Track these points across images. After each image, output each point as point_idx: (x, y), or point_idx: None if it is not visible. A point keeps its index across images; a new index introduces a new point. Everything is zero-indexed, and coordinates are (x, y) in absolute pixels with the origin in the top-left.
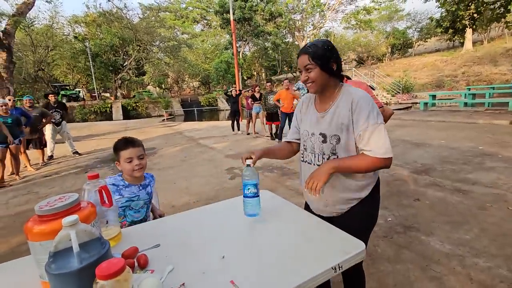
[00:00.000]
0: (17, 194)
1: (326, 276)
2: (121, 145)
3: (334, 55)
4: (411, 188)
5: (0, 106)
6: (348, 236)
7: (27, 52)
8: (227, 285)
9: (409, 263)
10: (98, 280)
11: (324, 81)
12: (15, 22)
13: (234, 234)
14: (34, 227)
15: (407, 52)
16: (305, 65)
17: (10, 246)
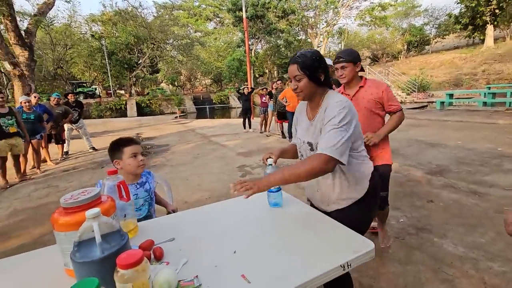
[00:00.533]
0: (38, 187)
1: (335, 274)
2: (124, 142)
3: (322, 65)
4: (425, 189)
5: (24, 103)
6: (357, 235)
7: (46, 51)
8: (239, 278)
9: (420, 264)
10: (119, 269)
11: (312, 90)
12: (37, 22)
13: (245, 230)
14: (60, 219)
15: (424, 49)
16: (294, 75)
17: (33, 236)
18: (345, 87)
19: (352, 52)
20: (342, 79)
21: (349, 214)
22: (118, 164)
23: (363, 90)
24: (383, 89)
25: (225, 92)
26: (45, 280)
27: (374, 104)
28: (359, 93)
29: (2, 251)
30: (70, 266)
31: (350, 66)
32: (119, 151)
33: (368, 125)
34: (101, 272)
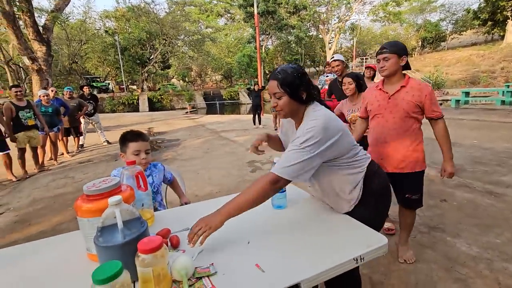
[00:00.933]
0: (55, 178)
1: (348, 266)
2: (131, 137)
3: (304, 82)
4: (438, 188)
5: (42, 96)
6: (370, 230)
7: (62, 46)
8: (253, 267)
9: (432, 263)
10: (140, 254)
11: (293, 108)
12: (54, 18)
13: (258, 223)
14: (83, 205)
15: (439, 46)
16: (274, 92)
17: (51, 224)
18: (385, 81)
19: (398, 44)
20: (382, 72)
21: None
22: (122, 157)
23: (404, 90)
24: (426, 93)
25: (235, 88)
26: (69, 264)
27: (414, 107)
28: (400, 93)
29: (24, 237)
30: (92, 251)
31: (393, 58)
32: (125, 145)
33: (402, 128)
34: (123, 256)
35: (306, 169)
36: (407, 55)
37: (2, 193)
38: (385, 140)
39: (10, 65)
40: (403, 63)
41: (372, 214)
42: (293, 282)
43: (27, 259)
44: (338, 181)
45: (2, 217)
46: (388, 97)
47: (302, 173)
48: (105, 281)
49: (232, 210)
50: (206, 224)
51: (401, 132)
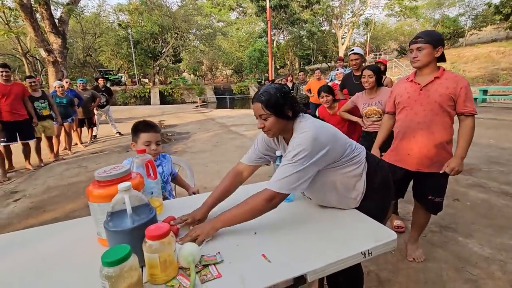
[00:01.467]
0: (69, 167)
1: (355, 260)
2: (143, 127)
3: (288, 101)
4: (451, 188)
5: (58, 87)
6: (379, 225)
7: (77, 39)
8: (259, 257)
9: (442, 262)
10: (147, 240)
11: (281, 127)
12: (69, 10)
13: (266, 214)
14: (94, 191)
15: (457, 42)
16: (260, 113)
17: (65, 211)
18: (417, 73)
19: (433, 33)
20: (414, 63)
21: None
22: (133, 146)
23: (438, 82)
24: (462, 85)
25: (245, 83)
26: (80, 247)
27: (447, 100)
28: (433, 85)
29: (38, 223)
30: (102, 236)
31: (428, 49)
32: (137, 135)
33: (433, 122)
34: (132, 241)
35: (301, 180)
36: (443, 46)
37: (19, 180)
38: (413, 134)
39: (27, 57)
40: (438, 54)
41: (379, 207)
42: (299, 273)
43: (41, 241)
44: (341, 180)
45: (18, 203)
46: (420, 88)
47: (298, 184)
48: (113, 264)
49: (227, 221)
50: (202, 231)
51: (431, 126)
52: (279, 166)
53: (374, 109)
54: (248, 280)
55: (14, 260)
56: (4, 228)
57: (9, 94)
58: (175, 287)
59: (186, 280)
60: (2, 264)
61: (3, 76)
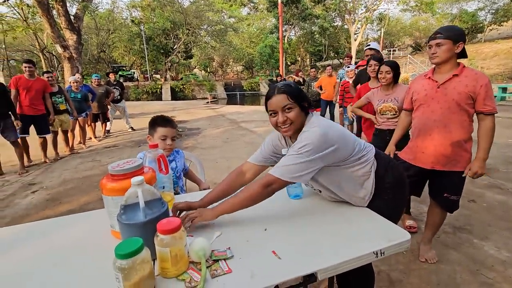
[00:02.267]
0: (83, 160)
1: (367, 260)
2: (161, 122)
3: (305, 94)
4: (466, 188)
5: (73, 82)
6: (392, 224)
7: (91, 35)
8: (269, 253)
9: (456, 264)
10: (159, 234)
11: (301, 120)
12: (84, 7)
13: (276, 211)
14: (108, 184)
15: (476, 37)
16: (285, 105)
17: (79, 203)
18: (435, 70)
19: (454, 28)
20: (433, 59)
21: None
22: (149, 139)
23: (457, 79)
24: (483, 83)
25: (256, 79)
26: (94, 239)
27: (466, 98)
28: (451, 82)
29: (55, 215)
30: (116, 228)
31: (447, 45)
32: (154, 129)
33: (450, 120)
34: (144, 234)
35: (304, 171)
36: (464, 42)
37: (36, 173)
38: (429, 132)
39: (44, 53)
40: (459, 50)
41: (390, 206)
42: (309, 271)
43: (57, 232)
44: (348, 179)
45: (36, 194)
46: (437, 86)
47: (300, 175)
48: (126, 256)
49: (226, 208)
50: (200, 214)
51: (448, 124)
52: (284, 156)
53: (389, 105)
54: (258, 276)
55: (32, 249)
56: (23, 218)
57: (31, 89)
58: (186, 281)
59: (197, 274)
60: (21, 253)
61: (27, 71)
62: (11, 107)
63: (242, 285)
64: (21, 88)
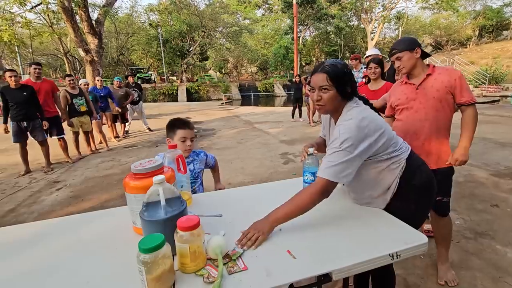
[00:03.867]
0: (104, 160)
1: (382, 262)
2: (180, 124)
3: (352, 79)
4: (489, 192)
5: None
6: (409, 227)
7: (111, 39)
8: (284, 253)
9: (477, 271)
10: (179, 230)
11: (336, 104)
12: (105, 12)
13: None
14: (130, 182)
15: (501, 35)
16: (321, 85)
17: (100, 201)
18: (408, 77)
19: (405, 40)
20: (401, 71)
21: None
22: (169, 142)
23: (432, 78)
24: (456, 76)
25: (270, 80)
26: (117, 235)
27: (445, 93)
28: (427, 82)
29: (77, 211)
30: (137, 225)
31: (406, 55)
32: (173, 131)
33: (435, 118)
34: (165, 230)
35: (348, 170)
36: (419, 46)
37: (60, 171)
38: (415, 133)
39: (67, 56)
40: (418, 55)
41: (412, 209)
42: (324, 271)
43: (81, 228)
44: (372, 175)
45: (60, 192)
46: (416, 87)
47: (345, 174)
48: (149, 250)
49: (281, 218)
50: (258, 230)
51: (434, 123)
52: (327, 154)
53: None
54: (274, 274)
55: (58, 244)
56: (48, 214)
57: (40, 91)
58: (204, 277)
59: (214, 271)
60: (48, 247)
61: (35, 73)
62: (39, 109)
63: (258, 282)
64: None
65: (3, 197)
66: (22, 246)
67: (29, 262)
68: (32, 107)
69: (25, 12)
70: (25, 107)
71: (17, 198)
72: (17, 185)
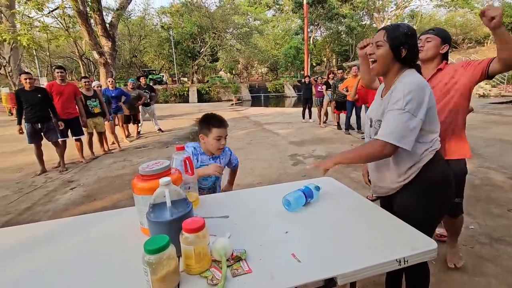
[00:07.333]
0: (116, 160)
1: (388, 267)
2: (215, 122)
3: (410, 42)
4: (506, 196)
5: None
6: (418, 232)
7: (124, 41)
8: (289, 256)
9: (492, 277)
10: (184, 232)
11: (387, 63)
12: (118, 15)
13: (297, 214)
14: (138, 184)
15: None
16: (377, 40)
17: (112, 200)
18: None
19: (445, 32)
20: (421, 52)
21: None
22: (202, 138)
23: (442, 73)
24: (462, 64)
25: (280, 81)
26: (124, 234)
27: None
28: (437, 77)
29: (90, 210)
30: (145, 225)
31: (436, 41)
32: (208, 129)
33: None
34: (170, 232)
35: (412, 132)
36: (449, 46)
37: (74, 171)
38: None
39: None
40: (444, 50)
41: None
42: (328, 276)
43: (92, 227)
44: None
45: (74, 191)
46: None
47: (408, 138)
48: (154, 252)
49: (344, 159)
50: (323, 163)
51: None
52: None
53: None
54: (278, 277)
55: (69, 242)
56: (62, 212)
57: (63, 94)
58: (209, 278)
59: (219, 273)
60: (59, 246)
61: (59, 76)
62: (53, 111)
63: (262, 285)
64: (55, 93)
65: (20, 196)
66: (36, 244)
67: (41, 260)
68: (45, 109)
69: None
70: (39, 109)
71: (33, 197)
72: (33, 184)
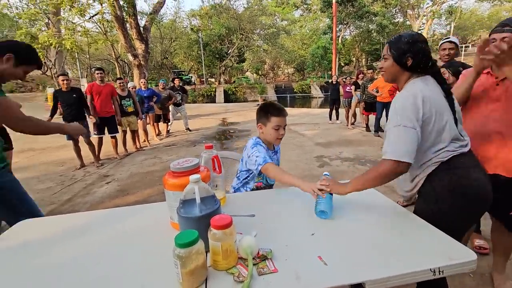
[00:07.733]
0: (147, 157)
1: (421, 277)
2: (274, 111)
3: (413, 49)
4: None
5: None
6: (455, 242)
7: (156, 44)
8: (315, 259)
9: None
10: (212, 228)
11: (394, 73)
12: (152, 19)
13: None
14: (169, 180)
15: None
16: (383, 54)
17: (143, 195)
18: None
19: None
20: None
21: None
22: (260, 128)
23: None
24: None
25: (306, 81)
26: (155, 228)
27: None
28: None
29: (123, 203)
30: (174, 220)
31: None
32: (267, 118)
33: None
34: (199, 227)
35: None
36: None
37: (110, 166)
38: (488, 133)
39: (118, 61)
40: None
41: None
42: (357, 281)
43: (125, 220)
44: None
45: (109, 185)
46: (496, 83)
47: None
48: (184, 245)
49: (358, 186)
50: (332, 186)
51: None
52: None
53: None
54: (303, 278)
55: (105, 233)
56: (98, 204)
57: (102, 94)
58: (235, 275)
59: (245, 270)
60: (96, 236)
61: (99, 77)
62: (87, 110)
63: (288, 285)
64: (94, 93)
65: (63, 188)
66: (76, 233)
67: (79, 249)
68: (80, 108)
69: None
70: (74, 108)
71: (74, 189)
72: (74, 178)
